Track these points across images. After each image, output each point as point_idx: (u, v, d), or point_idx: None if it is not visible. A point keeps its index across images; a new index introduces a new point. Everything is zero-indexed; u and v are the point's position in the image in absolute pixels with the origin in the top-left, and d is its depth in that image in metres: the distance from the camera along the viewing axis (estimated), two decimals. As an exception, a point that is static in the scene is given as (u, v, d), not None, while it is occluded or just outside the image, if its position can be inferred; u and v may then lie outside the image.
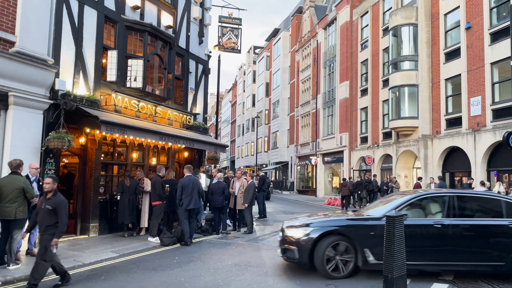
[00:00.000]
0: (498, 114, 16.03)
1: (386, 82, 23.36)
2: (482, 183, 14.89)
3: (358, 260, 6.49)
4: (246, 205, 11.61)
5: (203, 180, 13.40)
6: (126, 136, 10.31)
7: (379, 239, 6.28)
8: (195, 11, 15.16)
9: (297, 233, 6.78)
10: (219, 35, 21.05)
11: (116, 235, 10.63)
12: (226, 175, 13.58)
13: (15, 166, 7.19)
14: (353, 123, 27.99)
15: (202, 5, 15.77)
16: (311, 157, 31.93)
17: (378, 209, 7.15)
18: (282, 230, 7.23)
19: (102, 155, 10.99)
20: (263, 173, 20.33)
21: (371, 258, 6.43)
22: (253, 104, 51.63)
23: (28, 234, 7.93)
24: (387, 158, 23.78)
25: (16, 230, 7.06)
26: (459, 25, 18.45)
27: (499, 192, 13.83)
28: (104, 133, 9.77)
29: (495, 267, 6.49)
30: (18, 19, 8.21)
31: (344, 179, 25.36)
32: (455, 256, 6.45)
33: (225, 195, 11.58)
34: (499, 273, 6.63)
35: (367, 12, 26.81)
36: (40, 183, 8.09)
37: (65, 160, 12.20)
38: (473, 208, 7.05)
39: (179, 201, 9.82)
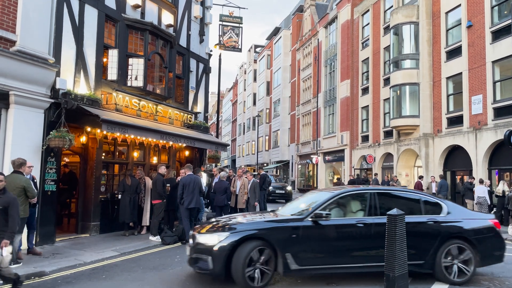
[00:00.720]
0: (500, 112, 15.99)
1: (387, 81, 23.31)
2: (481, 181, 14.85)
3: (279, 266, 5.89)
4: (256, 203, 11.72)
5: (204, 179, 13.41)
6: (127, 135, 10.32)
7: (302, 242, 5.97)
8: (196, 10, 15.15)
9: (211, 240, 5.90)
10: (220, 33, 21.04)
11: (117, 234, 10.64)
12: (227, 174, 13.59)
13: (18, 165, 7.20)
14: (354, 121, 27.96)
15: (202, 3, 15.76)
16: (312, 156, 31.93)
17: (298, 209, 6.77)
18: (193, 237, 6.26)
19: (103, 154, 11.00)
20: (264, 172, 20.32)
21: (292, 264, 5.87)
22: (254, 103, 51.61)
23: (27, 233, 7.98)
24: (388, 156, 23.76)
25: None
26: (460, 24, 18.40)
27: (503, 191, 13.78)
28: (105, 132, 9.78)
29: (415, 266, 6.23)
30: (19, 18, 8.21)
31: (338, 179, 25.34)
32: (379, 257, 6.03)
33: (228, 194, 11.58)
34: (419, 272, 6.41)
35: (368, 10, 26.76)
36: (35, 181, 8.10)
37: (66, 159, 12.20)
38: (394, 205, 6.74)
39: (179, 199, 9.82)
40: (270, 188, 21.47)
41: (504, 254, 6.73)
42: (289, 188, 24.49)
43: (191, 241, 6.34)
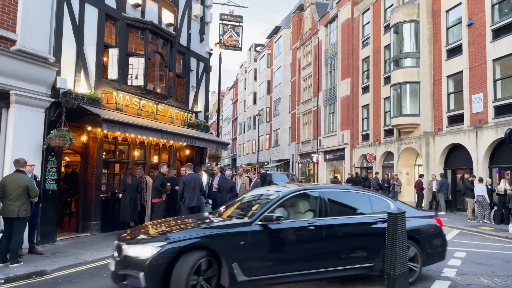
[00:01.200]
0: (500, 111, 15.97)
1: (387, 79, 23.28)
2: (481, 180, 14.82)
3: (223, 279, 5.11)
4: None
5: (204, 178, 13.42)
6: (127, 134, 10.34)
7: (251, 249, 5.29)
8: (196, 9, 15.15)
9: (143, 252, 4.92)
10: (220, 32, 21.04)
11: (118, 233, 10.55)
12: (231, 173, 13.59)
13: (22, 164, 7.23)
14: (354, 120, 27.94)
15: (203, 2, 15.75)
16: (312, 155, 31.92)
17: (245, 211, 6.17)
18: (119, 248, 5.27)
19: (104, 153, 11.01)
20: (264, 171, 20.34)
21: (240, 276, 5.12)
22: (254, 102, 51.59)
23: (28, 232, 8.01)
24: (388, 155, 23.75)
25: (18, 228, 7.07)
26: (461, 22, 18.36)
27: (505, 190, 13.77)
28: (105, 131, 9.78)
29: (366, 269, 5.89)
30: (19, 17, 8.21)
31: (335, 177, 25.36)
32: (333, 261, 5.73)
33: (233, 193, 11.56)
34: (369, 274, 6.03)
35: (368, 9, 26.72)
36: (37, 180, 8.12)
37: (67, 159, 12.22)
38: (344, 205, 6.34)
39: (180, 197, 9.83)
40: None
41: (446, 251, 6.61)
42: None
43: (115, 253, 5.33)
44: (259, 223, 5.41)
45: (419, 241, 6.19)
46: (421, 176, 19.08)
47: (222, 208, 6.66)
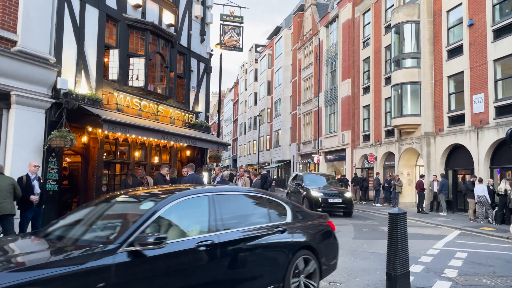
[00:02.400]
0: (501, 111, 15.95)
1: (388, 80, 23.27)
2: (481, 180, 14.77)
3: None
4: None
5: (205, 178, 13.42)
6: (128, 135, 10.33)
7: None
8: (197, 10, 15.16)
9: None
10: (221, 33, 21.03)
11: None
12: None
13: (1, 168, 7.29)
14: (355, 121, 27.93)
15: (203, 3, 15.76)
16: (313, 155, 31.91)
17: (97, 228, 4.04)
18: None
19: (105, 154, 11.02)
20: (265, 172, 20.31)
21: None
22: (255, 103, 51.62)
23: None
24: (389, 156, 23.73)
25: (10, 227, 7.07)
26: (462, 22, 18.35)
27: (505, 190, 13.74)
28: (106, 132, 9.79)
29: None
30: (19, 18, 8.23)
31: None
32: None
33: None
34: None
35: (369, 9, 26.72)
36: (41, 181, 8.12)
37: (68, 159, 12.22)
38: (239, 212, 4.86)
39: None
40: (320, 194, 15.88)
41: (337, 260, 5.70)
42: (348, 195, 16.61)
43: None
44: (128, 249, 3.41)
45: (317, 250, 5.12)
46: (422, 176, 19.06)
47: (59, 224, 4.21)
